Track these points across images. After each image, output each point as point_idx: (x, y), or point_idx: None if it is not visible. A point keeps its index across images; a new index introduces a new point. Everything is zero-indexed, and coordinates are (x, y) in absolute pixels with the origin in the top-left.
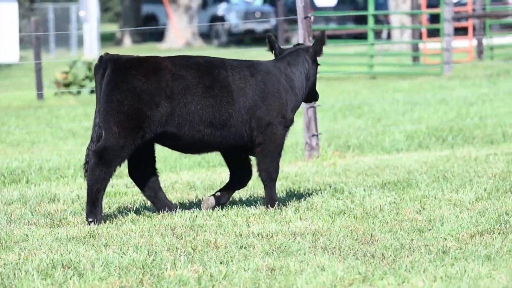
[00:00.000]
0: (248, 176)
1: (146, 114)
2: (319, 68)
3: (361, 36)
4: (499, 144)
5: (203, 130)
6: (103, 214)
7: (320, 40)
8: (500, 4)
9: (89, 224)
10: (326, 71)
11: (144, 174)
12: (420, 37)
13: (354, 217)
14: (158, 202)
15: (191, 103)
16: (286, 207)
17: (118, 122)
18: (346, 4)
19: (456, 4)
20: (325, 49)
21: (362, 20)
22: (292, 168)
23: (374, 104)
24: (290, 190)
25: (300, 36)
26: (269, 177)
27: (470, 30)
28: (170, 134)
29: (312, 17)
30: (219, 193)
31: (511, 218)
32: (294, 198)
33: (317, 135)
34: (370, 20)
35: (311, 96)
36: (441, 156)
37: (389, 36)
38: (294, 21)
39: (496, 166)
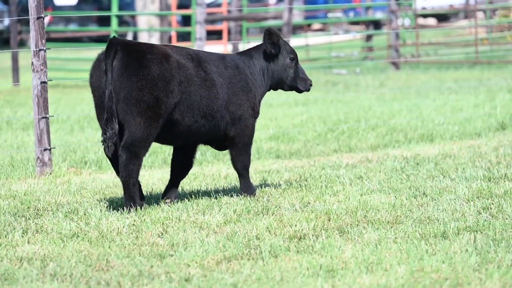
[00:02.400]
0: (190, 167)
1: (163, 100)
2: (287, 59)
3: (105, 39)
4: (253, 162)
5: (199, 120)
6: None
7: (269, 34)
8: (259, 5)
9: (130, 211)
10: (63, 78)
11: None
12: (170, 40)
13: (88, 240)
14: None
15: (193, 93)
16: (14, 231)
17: (140, 112)
18: (89, 4)
19: (209, 5)
20: (65, 53)
21: (105, 21)
22: (21, 186)
23: None
24: (18, 211)
25: (31, 39)
26: (244, 167)
27: (225, 34)
28: (172, 122)
29: (49, 17)
30: (168, 200)
31: (261, 242)
32: (22, 220)
33: (49, 149)
34: (114, 22)
35: (289, 87)
36: (189, 174)
37: (135, 39)
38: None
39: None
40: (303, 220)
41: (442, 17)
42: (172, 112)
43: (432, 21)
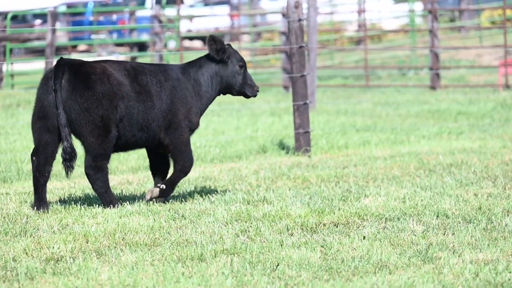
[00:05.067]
0: (167, 167)
1: (109, 117)
2: (236, 66)
3: None
4: (13, 183)
5: (136, 134)
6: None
7: (211, 41)
8: (23, 26)
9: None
10: None
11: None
12: None
13: None
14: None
15: (132, 108)
16: None
17: (91, 131)
18: None
19: None
20: None
21: None
22: None
23: None
24: None
25: None
26: (182, 170)
27: None
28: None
29: None
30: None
31: (18, 264)
32: None
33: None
34: None
35: (238, 92)
36: None
37: None
38: None
39: (8, 207)
40: (60, 242)
41: None
42: (117, 126)
43: (198, 43)
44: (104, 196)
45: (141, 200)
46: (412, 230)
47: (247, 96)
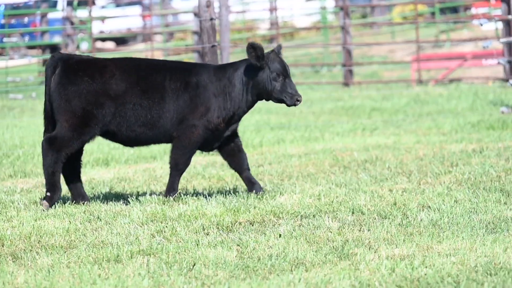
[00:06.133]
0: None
1: (92, 112)
2: (274, 73)
3: None
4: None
5: (137, 130)
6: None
7: (251, 48)
8: None
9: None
10: None
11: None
12: None
13: None
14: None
15: (130, 104)
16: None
17: (66, 119)
18: None
19: None
20: None
21: None
22: None
23: None
24: None
25: None
26: (176, 166)
27: None
28: (112, 132)
29: None
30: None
31: None
32: None
33: None
34: None
35: (276, 99)
36: None
37: None
38: None
39: None
40: None
41: (121, 41)
42: (109, 122)
43: (111, 44)
44: (49, 176)
45: (57, 203)
46: (328, 227)
47: (286, 104)
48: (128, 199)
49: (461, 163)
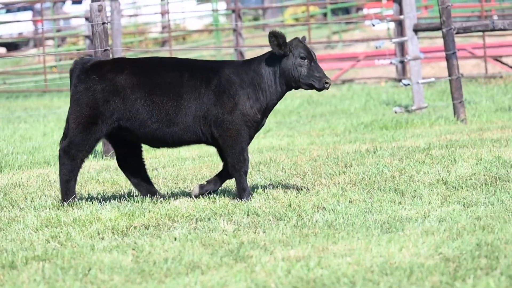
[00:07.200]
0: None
1: (99, 110)
2: (298, 58)
3: None
4: None
5: (153, 126)
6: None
7: (273, 36)
8: None
9: (63, 205)
10: None
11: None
12: None
13: None
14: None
15: (139, 101)
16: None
17: (75, 119)
18: None
19: None
20: None
21: None
22: None
23: None
24: None
25: None
26: (233, 168)
27: None
28: (126, 129)
29: None
30: (204, 183)
31: None
32: None
33: None
34: None
35: (305, 84)
36: None
37: None
38: None
39: None
40: None
41: (13, 46)
42: (119, 119)
43: (1, 50)
44: (64, 185)
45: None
46: (223, 230)
47: (316, 89)
48: (22, 204)
49: (355, 163)
